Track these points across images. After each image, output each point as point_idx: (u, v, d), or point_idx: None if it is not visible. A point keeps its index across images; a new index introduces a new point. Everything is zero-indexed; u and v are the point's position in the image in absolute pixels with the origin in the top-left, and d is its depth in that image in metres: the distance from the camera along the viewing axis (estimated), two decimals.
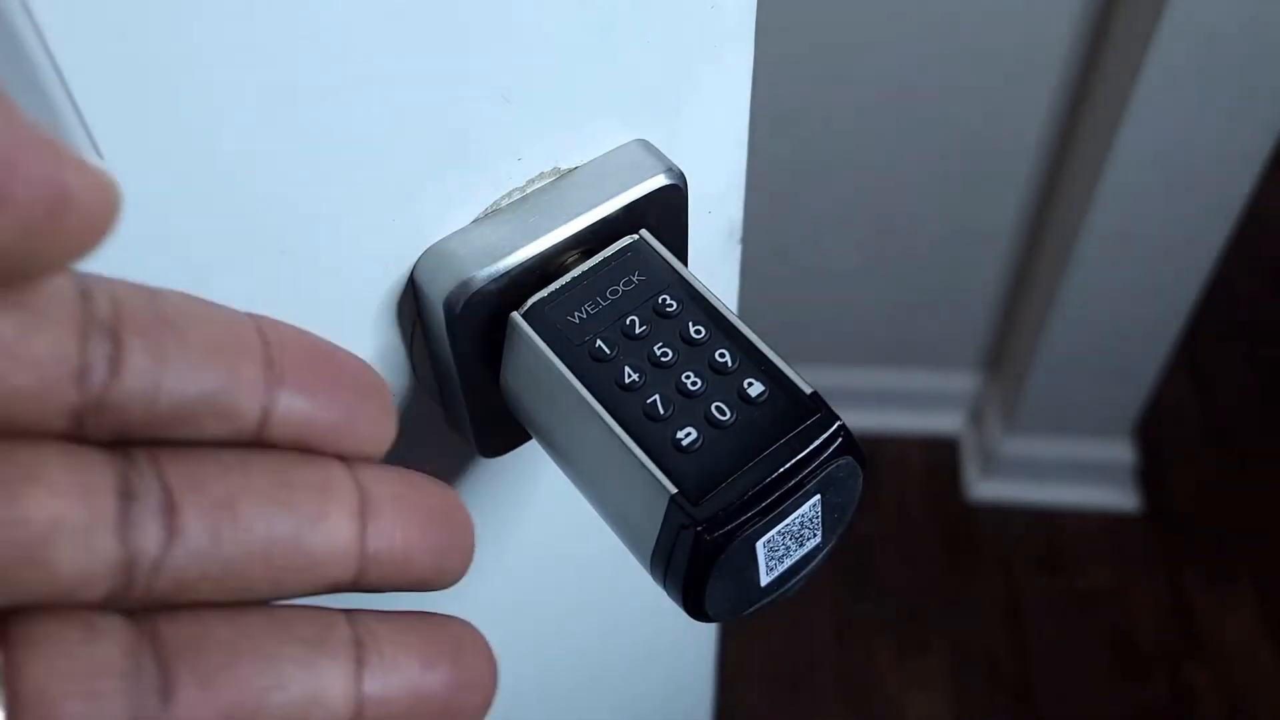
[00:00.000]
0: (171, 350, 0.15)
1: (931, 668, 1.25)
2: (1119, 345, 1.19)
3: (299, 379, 0.17)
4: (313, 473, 0.17)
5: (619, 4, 0.23)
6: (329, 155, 0.20)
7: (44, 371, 0.14)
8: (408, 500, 0.18)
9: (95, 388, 0.15)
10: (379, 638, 0.17)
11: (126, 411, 0.15)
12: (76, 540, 0.14)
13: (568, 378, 0.23)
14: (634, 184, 0.24)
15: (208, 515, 0.16)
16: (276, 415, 0.16)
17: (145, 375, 0.15)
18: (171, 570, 0.15)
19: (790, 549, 0.22)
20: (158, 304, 0.15)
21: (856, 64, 1.07)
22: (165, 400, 0.15)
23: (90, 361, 0.14)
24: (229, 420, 0.16)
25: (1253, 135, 0.98)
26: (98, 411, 0.15)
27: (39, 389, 0.14)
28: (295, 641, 0.16)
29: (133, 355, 0.15)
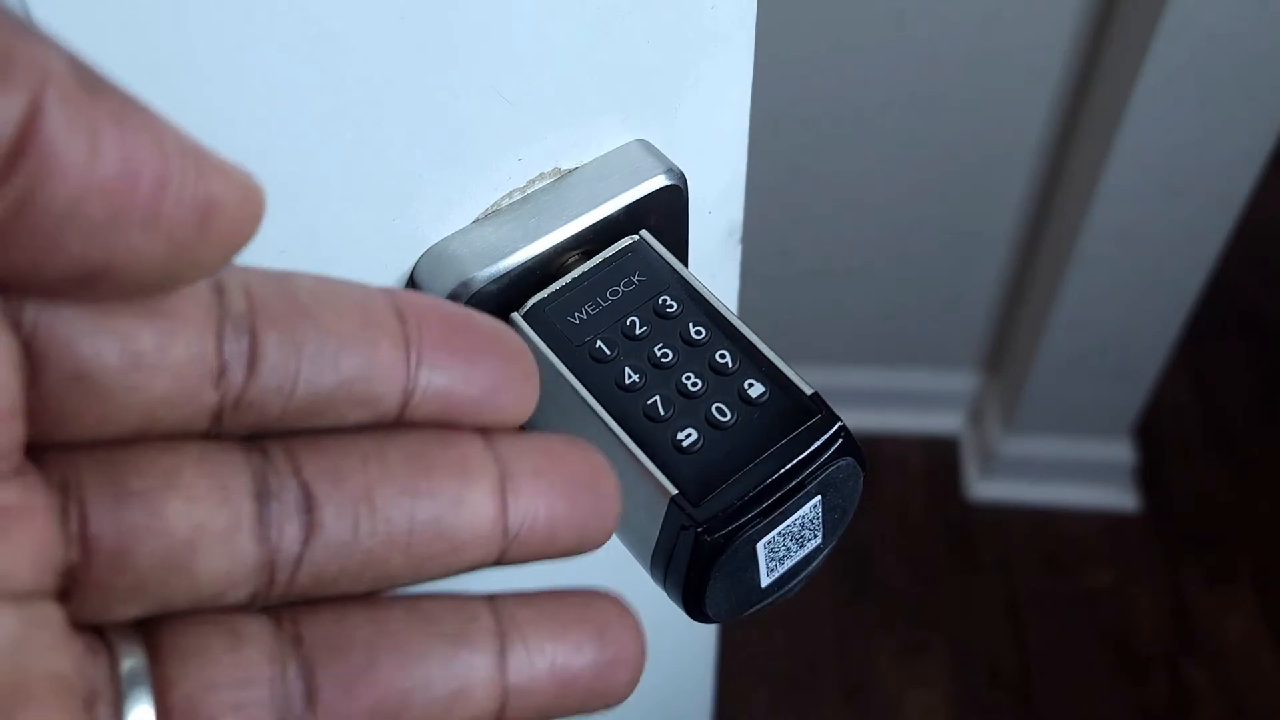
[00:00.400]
0: (307, 340, 0.15)
1: (931, 667, 1.25)
2: (1119, 345, 1.19)
3: (438, 355, 0.16)
4: (451, 454, 0.16)
5: (619, 4, 0.23)
6: (328, 155, 0.20)
7: (183, 378, 0.14)
8: (549, 473, 0.17)
9: (234, 387, 0.14)
10: (521, 624, 0.17)
11: (264, 406, 0.15)
12: (217, 546, 0.14)
13: (568, 378, 0.23)
14: (634, 184, 0.24)
15: (346, 509, 0.15)
16: (418, 395, 0.16)
17: (282, 369, 0.15)
18: (312, 566, 0.15)
19: (791, 550, 0.22)
20: (291, 292, 0.15)
21: (856, 64, 1.07)
22: (303, 392, 0.15)
23: (228, 360, 0.14)
24: (370, 406, 0.16)
25: (1253, 135, 0.98)
26: (236, 409, 0.15)
27: (179, 395, 0.14)
28: (438, 637, 0.16)
29: (268, 350, 0.15)
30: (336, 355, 0.15)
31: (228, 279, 0.15)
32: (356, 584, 0.16)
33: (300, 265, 0.21)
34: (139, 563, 0.14)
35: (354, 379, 0.15)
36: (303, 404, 0.15)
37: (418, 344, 0.16)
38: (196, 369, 0.14)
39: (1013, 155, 1.13)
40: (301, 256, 0.21)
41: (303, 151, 0.20)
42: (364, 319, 0.16)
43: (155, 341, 0.14)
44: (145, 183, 0.12)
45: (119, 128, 0.11)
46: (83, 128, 0.11)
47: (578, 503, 0.18)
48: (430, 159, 0.22)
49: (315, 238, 0.21)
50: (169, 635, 0.15)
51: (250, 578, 0.15)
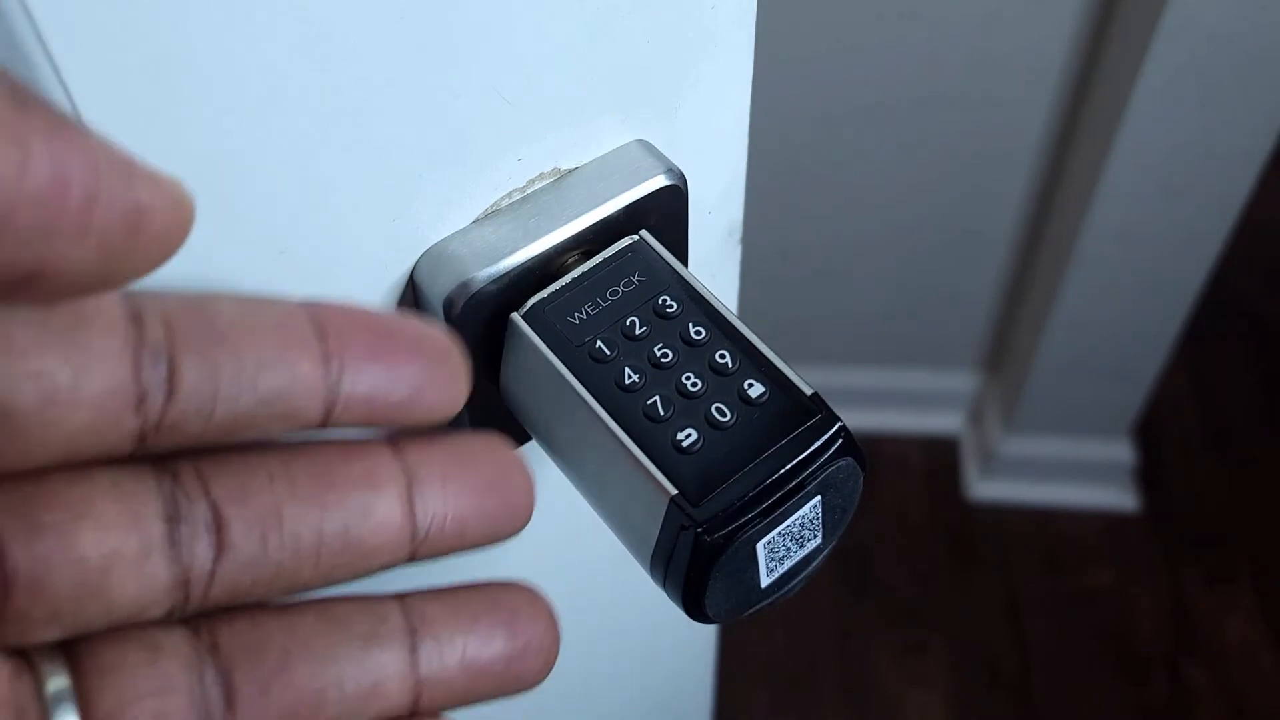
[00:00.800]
0: (225, 363, 0.15)
1: (931, 667, 1.25)
2: (1119, 345, 1.19)
3: (360, 363, 0.17)
4: (357, 466, 0.17)
5: (619, 4, 0.23)
6: (328, 155, 0.20)
7: (102, 408, 0.14)
8: (456, 476, 0.18)
9: (154, 411, 0.15)
10: (431, 619, 0.18)
11: (186, 428, 0.15)
12: (130, 570, 0.15)
13: (568, 379, 0.23)
14: (634, 184, 0.24)
15: (254, 526, 0.16)
16: (341, 403, 0.17)
17: (201, 392, 0.15)
18: (224, 580, 0.16)
19: (790, 550, 0.22)
20: (208, 316, 0.16)
21: (856, 64, 1.07)
22: (223, 412, 0.15)
23: (147, 387, 0.15)
24: (291, 419, 0.16)
25: (1253, 135, 0.97)
26: (157, 431, 0.15)
27: (100, 425, 0.15)
28: (349, 639, 0.17)
29: (187, 374, 0.15)
30: (255, 375, 0.16)
31: (145, 307, 0.15)
32: (270, 593, 0.17)
33: (300, 265, 0.21)
34: (56, 592, 0.14)
35: (273, 397, 0.16)
36: (223, 423, 0.16)
37: (339, 355, 0.16)
38: (115, 399, 0.15)
39: (1013, 155, 1.13)
40: (301, 256, 0.21)
41: (302, 151, 0.20)
42: (281, 337, 0.16)
43: (71, 377, 0.14)
44: (75, 192, 0.12)
45: (49, 141, 0.12)
46: (14, 141, 0.12)
47: (485, 500, 0.18)
48: (430, 159, 0.22)
49: (315, 238, 0.21)
50: (90, 653, 0.15)
51: (165, 596, 0.16)
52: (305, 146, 0.20)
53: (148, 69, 0.17)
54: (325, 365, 0.16)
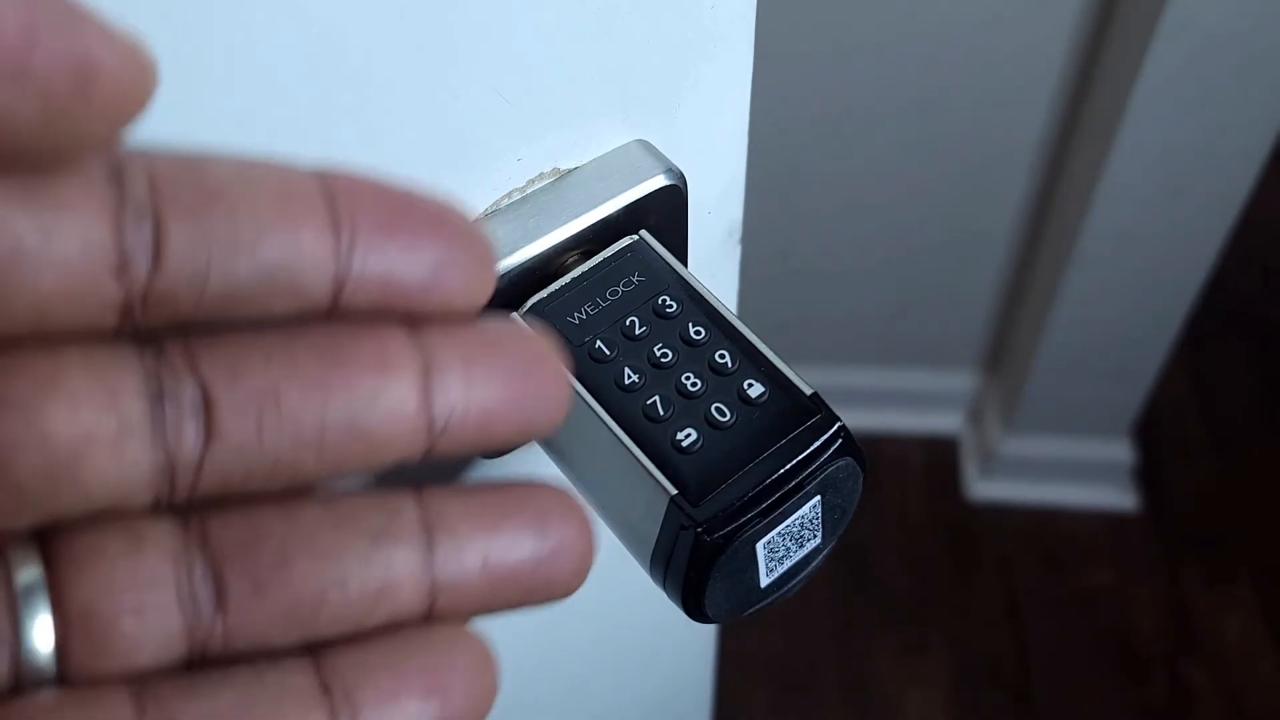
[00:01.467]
0: (219, 227, 0.14)
1: (931, 667, 1.25)
2: (1119, 345, 1.19)
3: (374, 237, 0.15)
4: (366, 346, 0.15)
5: (619, 5, 0.23)
6: (328, 155, 0.20)
7: (75, 271, 0.13)
8: (481, 360, 0.16)
9: (139, 280, 0.13)
10: (450, 517, 0.16)
11: (176, 300, 0.14)
12: (107, 452, 0.14)
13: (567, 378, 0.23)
14: (634, 184, 0.24)
15: (248, 409, 0.14)
16: (351, 282, 0.15)
17: (192, 259, 0.14)
18: (214, 469, 0.14)
19: (790, 550, 0.22)
20: (201, 175, 0.14)
21: (856, 64, 1.07)
22: (217, 283, 0.14)
23: (129, 251, 0.13)
24: (295, 296, 0.14)
25: (1253, 135, 0.98)
26: (144, 304, 0.14)
27: (74, 290, 0.13)
28: (356, 535, 0.15)
29: (175, 238, 0.13)
30: (253, 241, 0.14)
31: (128, 164, 0.14)
32: (267, 485, 0.15)
33: None
34: (21, 474, 0.13)
35: (274, 266, 0.14)
36: (218, 296, 0.14)
37: (350, 226, 0.15)
38: (91, 261, 0.13)
39: (1013, 155, 1.13)
40: None
41: (302, 151, 0.20)
42: (284, 201, 0.14)
43: (39, 234, 0.13)
44: (7, 33, 0.11)
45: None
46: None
47: (514, 390, 0.16)
48: (430, 159, 0.22)
49: None
50: (65, 544, 0.14)
51: (147, 484, 0.14)
52: (305, 146, 0.20)
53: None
54: (335, 237, 0.15)
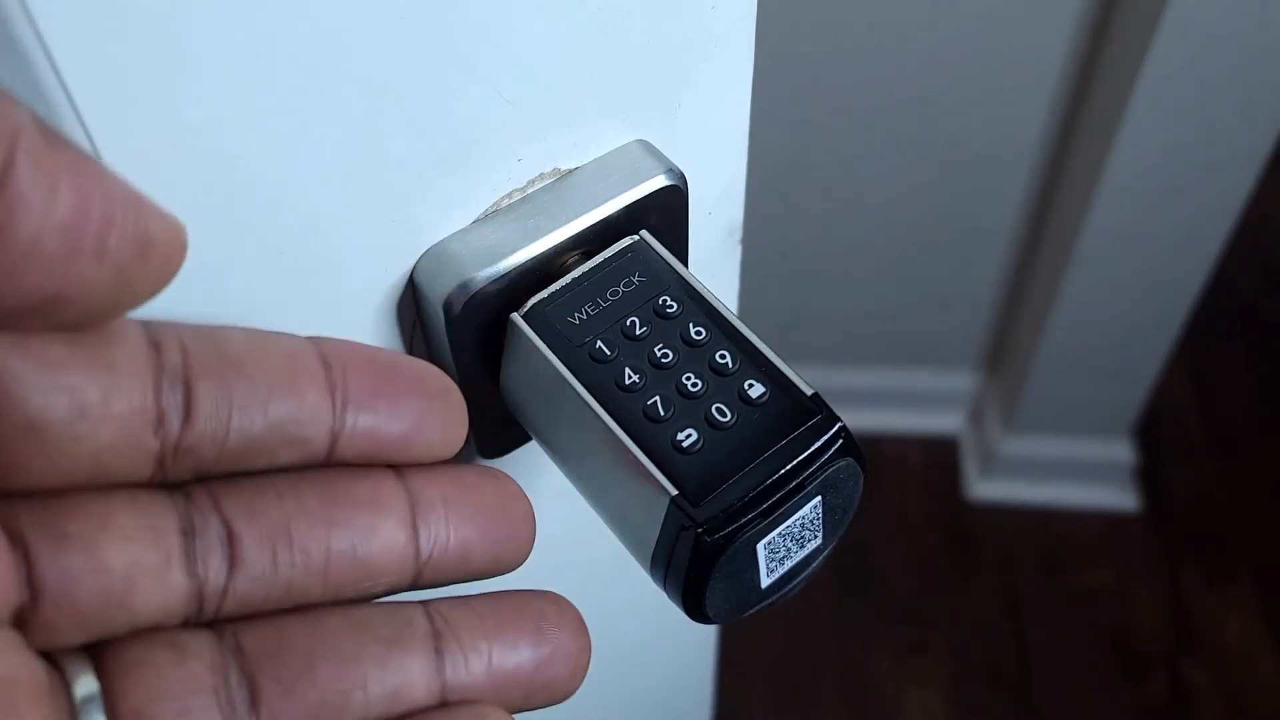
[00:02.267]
0: (238, 389, 0.16)
1: (931, 667, 1.25)
2: (1119, 345, 1.19)
3: (363, 397, 0.17)
4: (362, 486, 0.18)
5: (619, 4, 0.22)
6: (328, 156, 0.20)
7: (127, 427, 0.15)
8: (459, 500, 0.19)
9: (173, 434, 0.16)
10: (456, 625, 0.18)
11: (201, 451, 0.16)
12: (152, 580, 0.16)
13: (567, 379, 0.23)
14: (634, 184, 0.24)
15: (265, 542, 0.17)
16: (345, 435, 0.17)
17: (216, 416, 0.16)
18: (237, 595, 0.17)
19: (791, 550, 0.22)
20: (221, 345, 0.16)
21: (856, 64, 1.07)
22: (236, 438, 0.16)
23: (166, 410, 0.16)
24: (299, 448, 0.17)
25: (1253, 135, 0.97)
26: (175, 455, 0.16)
27: (124, 443, 0.15)
28: (373, 641, 0.17)
29: (203, 399, 0.16)
30: (265, 401, 0.16)
31: (163, 335, 0.16)
32: (279, 610, 0.17)
33: (300, 265, 0.21)
34: (81, 600, 0.15)
35: (283, 422, 0.17)
36: (236, 448, 0.16)
37: (343, 387, 0.17)
38: (139, 418, 0.15)
39: (1013, 155, 1.13)
40: (301, 257, 0.21)
41: (302, 151, 0.20)
42: (291, 367, 0.17)
43: (101, 393, 0.15)
44: (95, 220, 0.13)
45: (74, 175, 0.13)
46: (45, 175, 0.13)
47: (487, 528, 0.19)
48: (430, 159, 0.22)
49: (315, 238, 0.21)
50: (116, 654, 0.16)
51: (183, 606, 0.16)
52: (305, 147, 0.20)
53: (148, 69, 0.17)
54: (331, 398, 0.17)
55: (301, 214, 0.20)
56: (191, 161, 0.18)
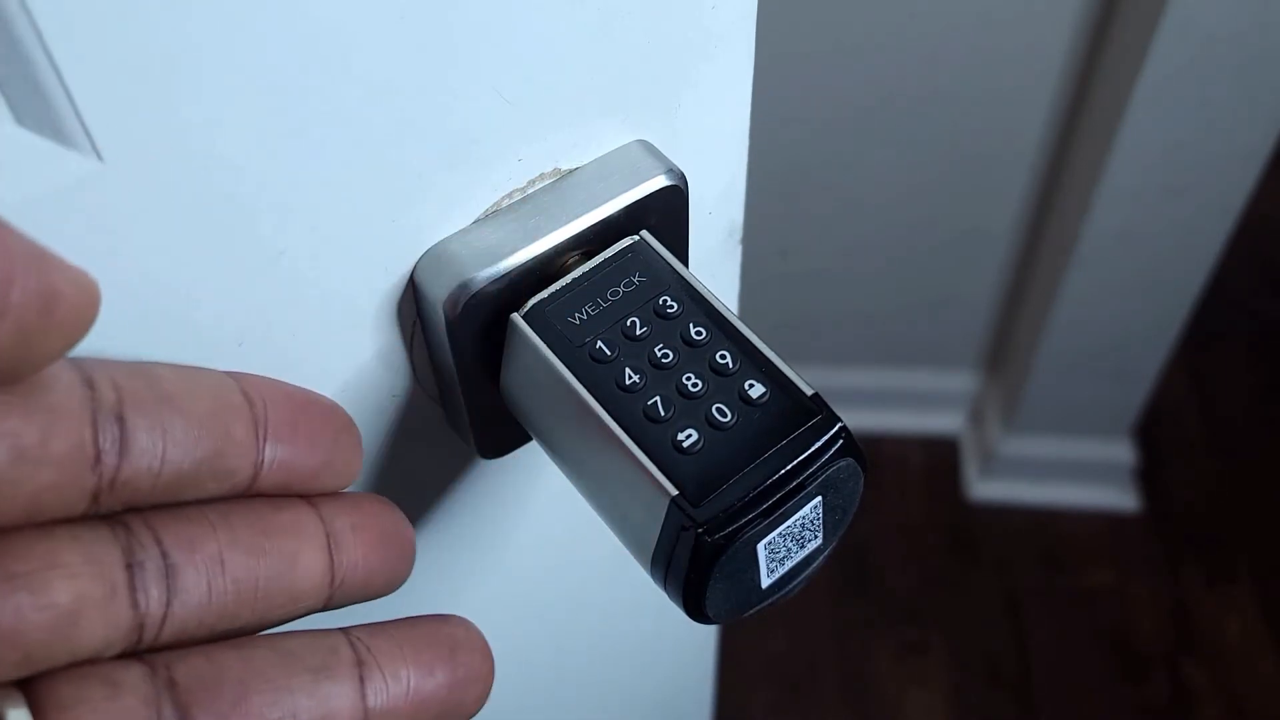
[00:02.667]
0: (172, 425, 0.17)
1: (931, 667, 1.25)
2: (1119, 345, 1.19)
3: (282, 433, 0.18)
4: (284, 517, 0.19)
5: (620, 4, 0.22)
6: (328, 157, 0.20)
7: (65, 467, 0.15)
8: (363, 528, 0.20)
9: (109, 470, 0.16)
10: (377, 652, 0.19)
11: (135, 485, 0.16)
12: (98, 613, 0.16)
13: (568, 379, 0.23)
14: (634, 185, 0.24)
15: (201, 572, 0.17)
16: (265, 468, 0.18)
17: (150, 452, 0.16)
18: (174, 623, 0.17)
19: (791, 551, 0.22)
20: (153, 382, 0.17)
21: (857, 64, 1.07)
22: (169, 471, 0.17)
23: (103, 447, 0.16)
24: (226, 480, 0.18)
25: (1253, 135, 0.97)
26: (111, 489, 0.16)
27: (62, 482, 0.16)
28: (301, 671, 0.18)
29: (138, 435, 0.16)
30: (197, 437, 0.17)
31: (95, 373, 0.16)
32: (212, 635, 0.18)
33: (300, 266, 0.21)
34: (27, 637, 0.15)
35: (213, 457, 0.17)
36: (169, 481, 0.17)
37: (264, 423, 0.18)
38: (77, 456, 0.16)
39: (1013, 155, 1.13)
40: (300, 258, 0.21)
41: (301, 152, 0.20)
42: (219, 403, 0.18)
43: (39, 436, 0.15)
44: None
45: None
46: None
47: (386, 552, 0.20)
48: (430, 159, 0.22)
49: (314, 239, 0.21)
50: (49, 689, 0.16)
51: (123, 637, 0.16)
52: (305, 147, 0.20)
53: (147, 68, 0.17)
54: (255, 430, 0.18)
55: (301, 214, 0.20)
56: (191, 161, 0.18)
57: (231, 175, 0.19)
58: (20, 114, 0.17)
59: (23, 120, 0.17)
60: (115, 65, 0.16)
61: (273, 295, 0.21)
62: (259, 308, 0.21)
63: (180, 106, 0.17)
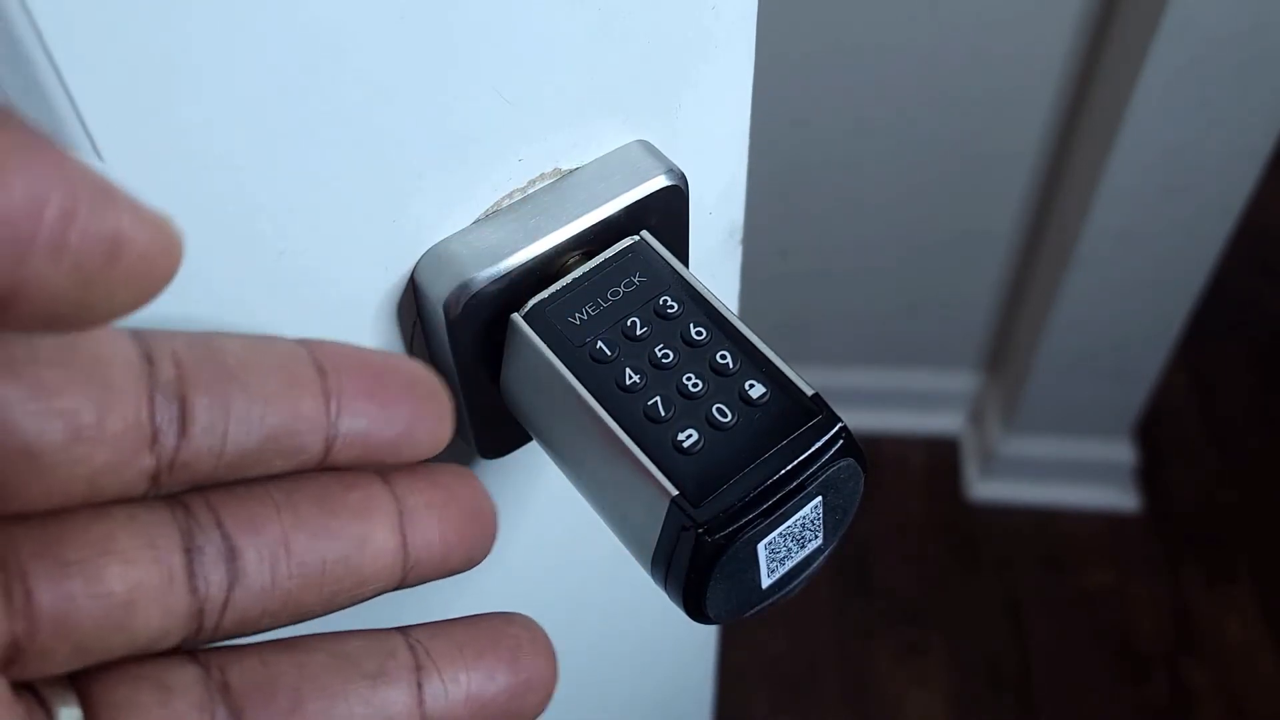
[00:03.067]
0: (235, 402, 0.16)
1: (931, 667, 1.25)
2: (1119, 345, 1.19)
3: (356, 403, 0.17)
4: (354, 495, 0.18)
5: (620, 4, 0.22)
6: (328, 156, 0.20)
7: (122, 447, 0.15)
8: (440, 504, 0.19)
9: (168, 450, 0.15)
10: (436, 656, 0.18)
11: (197, 466, 0.16)
12: (154, 602, 0.15)
13: (568, 379, 0.23)
14: (635, 185, 0.24)
15: (265, 555, 0.16)
16: (339, 440, 0.17)
17: (212, 431, 0.16)
18: (236, 610, 0.16)
19: (791, 551, 0.22)
20: (216, 355, 0.16)
21: (857, 64, 1.07)
22: (232, 451, 0.16)
23: (160, 426, 0.15)
24: (294, 457, 0.17)
25: (1253, 135, 0.97)
26: (170, 471, 0.15)
27: (119, 463, 0.15)
28: (358, 677, 0.17)
29: (198, 413, 0.15)
30: (262, 413, 0.16)
31: (156, 347, 0.15)
32: (276, 622, 0.17)
33: (300, 266, 0.21)
34: (82, 627, 0.15)
35: (279, 434, 0.16)
36: (233, 460, 0.16)
37: (338, 394, 0.17)
38: (134, 436, 0.15)
39: (1013, 155, 1.13)
40: (301, 257, 0.21)
41: (302, 152, 0.20)
42: (287, 376, 0.17)
43: (96, 415, 0.14)
44: (50, 211, 0.12)
45: (26, 159, 0.11)
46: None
47: (464, 529, 0.19)
48: (430, 159, 0.22)
49: (315, 239, 0.21)
50: (101, 689, 0.15)
51: (182, 626, 0.16)
52: (305, 147, 0.20)
53: (147, 68, 0.17)
54: (326, 402, 0.17)
55: (301, 214, 0.20)
56: (191, 161, 0.18)
57: (231, 175, 0.19)
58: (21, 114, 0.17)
59: None
60: (115, 65, 0.16)
61: (272, 295, 0.21)
62: (257, 308, 0.21)
63: (180, 106, 0.17)
